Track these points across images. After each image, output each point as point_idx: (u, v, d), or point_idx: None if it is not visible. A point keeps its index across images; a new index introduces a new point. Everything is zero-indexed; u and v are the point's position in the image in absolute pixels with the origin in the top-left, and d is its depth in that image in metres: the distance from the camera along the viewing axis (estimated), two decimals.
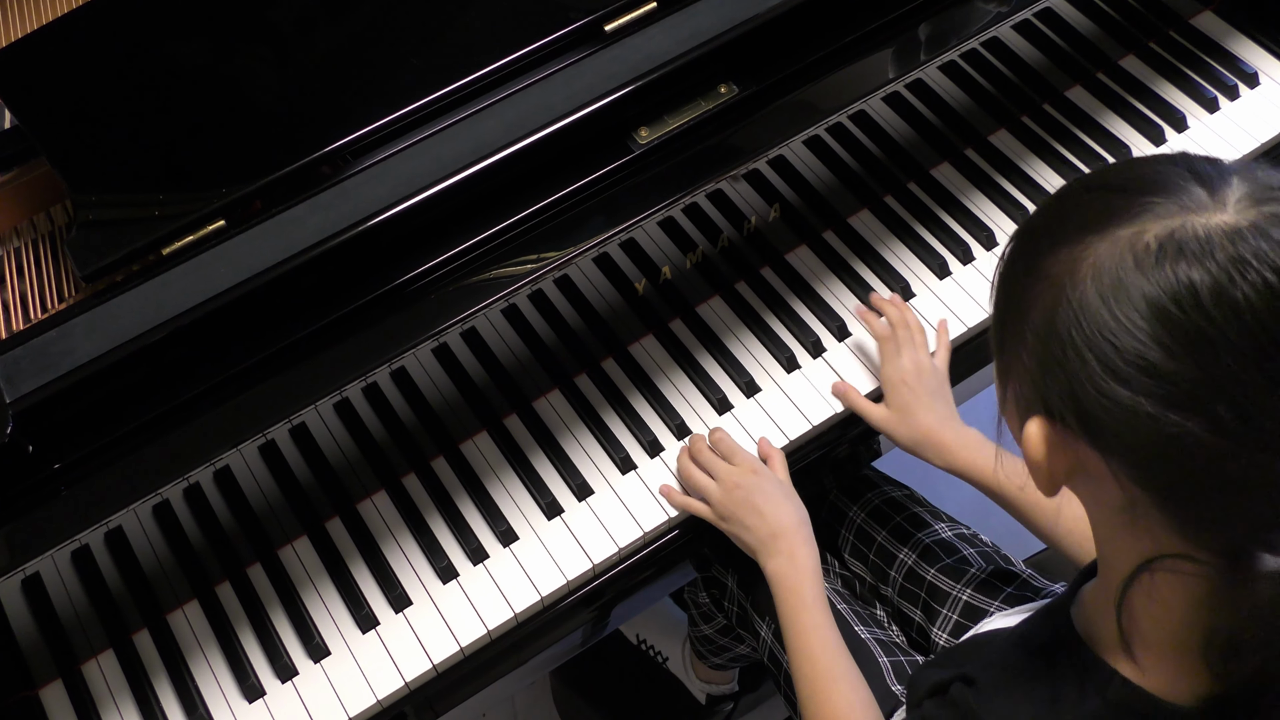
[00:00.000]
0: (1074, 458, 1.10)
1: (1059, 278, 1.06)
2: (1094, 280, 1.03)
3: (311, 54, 1.74)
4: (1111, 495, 1.09)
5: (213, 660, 1.73)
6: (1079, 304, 1.03)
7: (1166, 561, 1.10)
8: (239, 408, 1.59)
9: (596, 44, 1.75)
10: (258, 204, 1.64)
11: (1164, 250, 1.00)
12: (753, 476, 1.77)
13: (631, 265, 1.89)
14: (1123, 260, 1.02)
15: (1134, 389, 1.00)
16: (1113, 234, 1.03)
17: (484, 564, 1.78)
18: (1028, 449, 1.11)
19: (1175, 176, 1.06)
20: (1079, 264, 1.04)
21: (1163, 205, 1.03)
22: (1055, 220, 1.11)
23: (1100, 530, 1.20)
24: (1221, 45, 2.24)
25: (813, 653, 1.65)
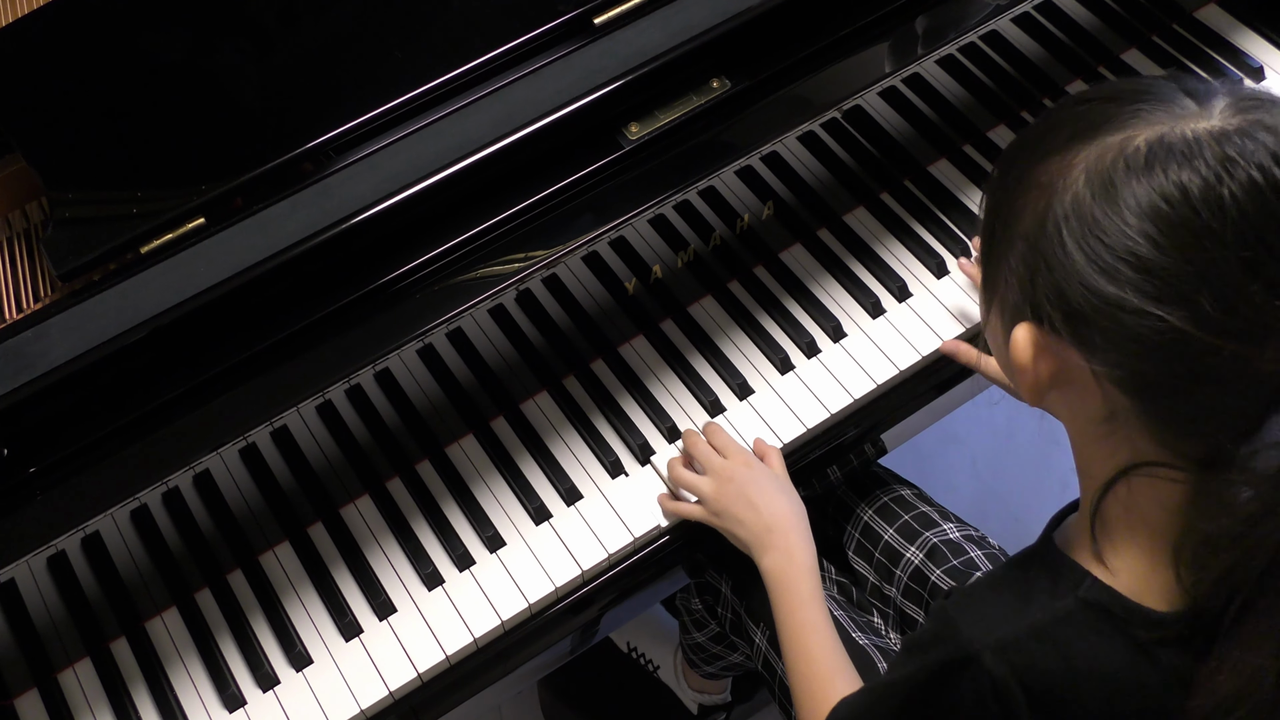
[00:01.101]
0: (1059, 362, 1.18)
1: (1050, 183, 1.14)
2: (1085, 182, 1.11)
3: (293, 48, 1.74)
4: (1093, 404, 1.18)
5: (192, 669, 1.73)
6: (1070, 204, 1.12)
7: (1144, 469, 1.18)
8: (219, 410, 1.60)
9: (585, 37, 1.76)
10: (238, 201, 1.64)
11: (1154, 152, 1.09)
12: (746, 469, 1.78)
13: (621, 264, 1.90)
14: (1114, 163, 1.10)
15: (1121, 283, 1.09)
16: (1103, 140, 1.12)
17: (470, 570, 1.79)
18: (1015, 353, 1.19)
19: (1164, 88, 1.15)
20: (1070, 169, 1.13)
21: (1152, 113, 1.12)
22: (1046, 131, 1.19)
23: (1079, 444, 1.27)
24: (1226, 39, 2.24)
25: (809, 651, 1.66)
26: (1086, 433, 1.24)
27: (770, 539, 1.73)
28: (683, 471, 1.82)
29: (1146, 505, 1.21)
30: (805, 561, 1.71)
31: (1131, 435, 1.17)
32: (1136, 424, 1.16)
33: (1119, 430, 1.18)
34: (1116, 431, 1.19)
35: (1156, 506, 1.20)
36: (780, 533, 1.73)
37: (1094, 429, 1.21)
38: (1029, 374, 1.20)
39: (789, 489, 1.78)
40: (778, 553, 1.72)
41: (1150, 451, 1.18)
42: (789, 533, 1.73)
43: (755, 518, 1.74)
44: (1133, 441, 1.18)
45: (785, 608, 1.70)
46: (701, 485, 1.79)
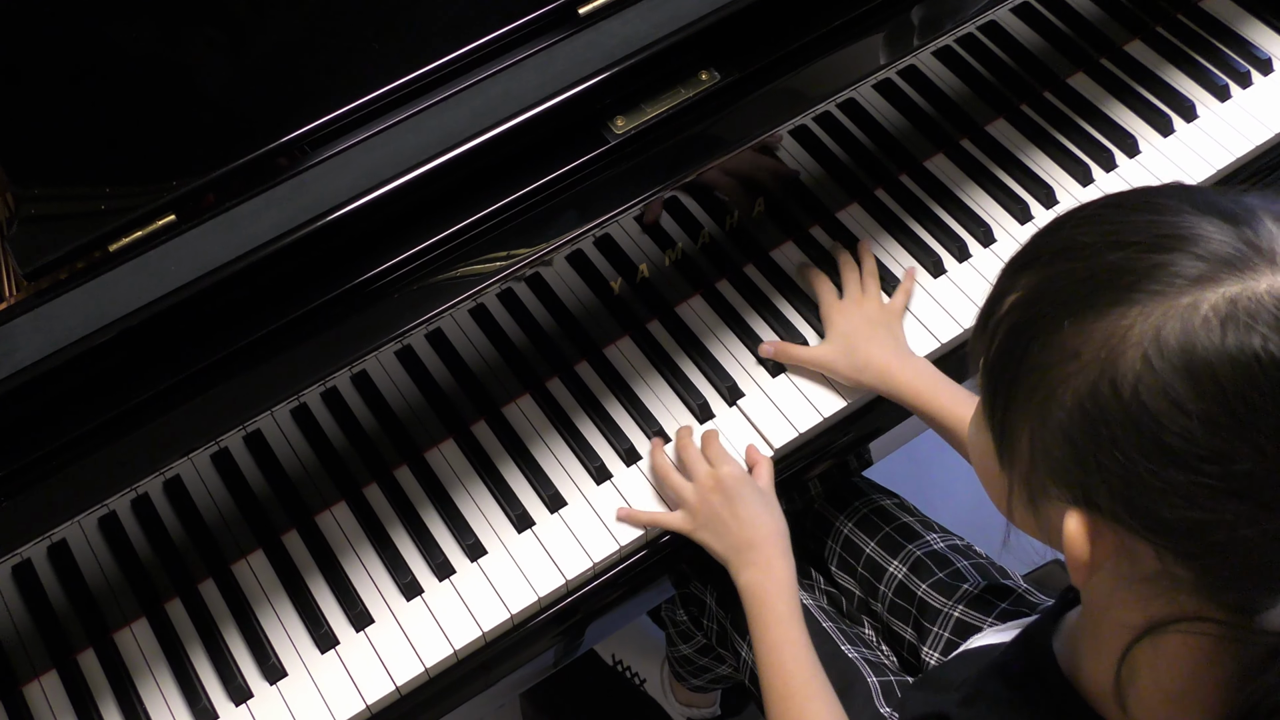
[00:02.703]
0: (1117, 544, 1.07)
1: (1094, 359, 1.01)
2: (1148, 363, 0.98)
3: (266, 38, 1.74)
4: (1142, 570, 1.07)
5: (162, 682, 1.73)
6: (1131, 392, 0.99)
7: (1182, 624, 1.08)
8: (190, 414, 1.60)
9: (570, 28, 1.76)
10: (210, 198, 1.64)
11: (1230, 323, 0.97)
12: (732, 481, 1.78)
13: (607, 263, 1.90)
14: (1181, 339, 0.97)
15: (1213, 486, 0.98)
16: (1159, 307, 0.99)
17: (450, 579, 1.79)
18: (1071, 548, 1.07)
19: (1203, 224, 1.02)
20: (1121, 343, 1.00)
21: (1204, 267, 0.99)
22: (1074, 288, 1.05)
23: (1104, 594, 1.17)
24: (1233, 29, 2.25)
25: (785, 669, 1.66)
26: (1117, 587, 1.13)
27: (750, 555, 1.73)
28: (671, 473, 1.83)
29: (1178, 653, 1.12)
30: (784, 579, 1.71)
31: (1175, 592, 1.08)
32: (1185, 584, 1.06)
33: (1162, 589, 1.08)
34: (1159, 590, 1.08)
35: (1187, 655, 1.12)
36: (761, 549, 1.73)
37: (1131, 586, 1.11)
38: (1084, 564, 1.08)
39: (773, 505, 1.79)
40: (756, 569, 1.72)
41: (1189, 604, 1.07)
42: (770, 549, 1.73)
43: (737, 531, 1.75)
44: (1172, 594, 1.08)
45: (761, 625, 1.70)
46: (686, 493, 1.80)
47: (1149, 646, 1.12)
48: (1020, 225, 2.06)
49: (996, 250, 2.03)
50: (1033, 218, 2.06)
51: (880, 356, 1.85)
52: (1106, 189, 2.09)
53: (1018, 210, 2.06)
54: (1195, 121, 2.16)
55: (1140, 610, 1.11)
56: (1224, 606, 1.07)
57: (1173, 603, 1.08)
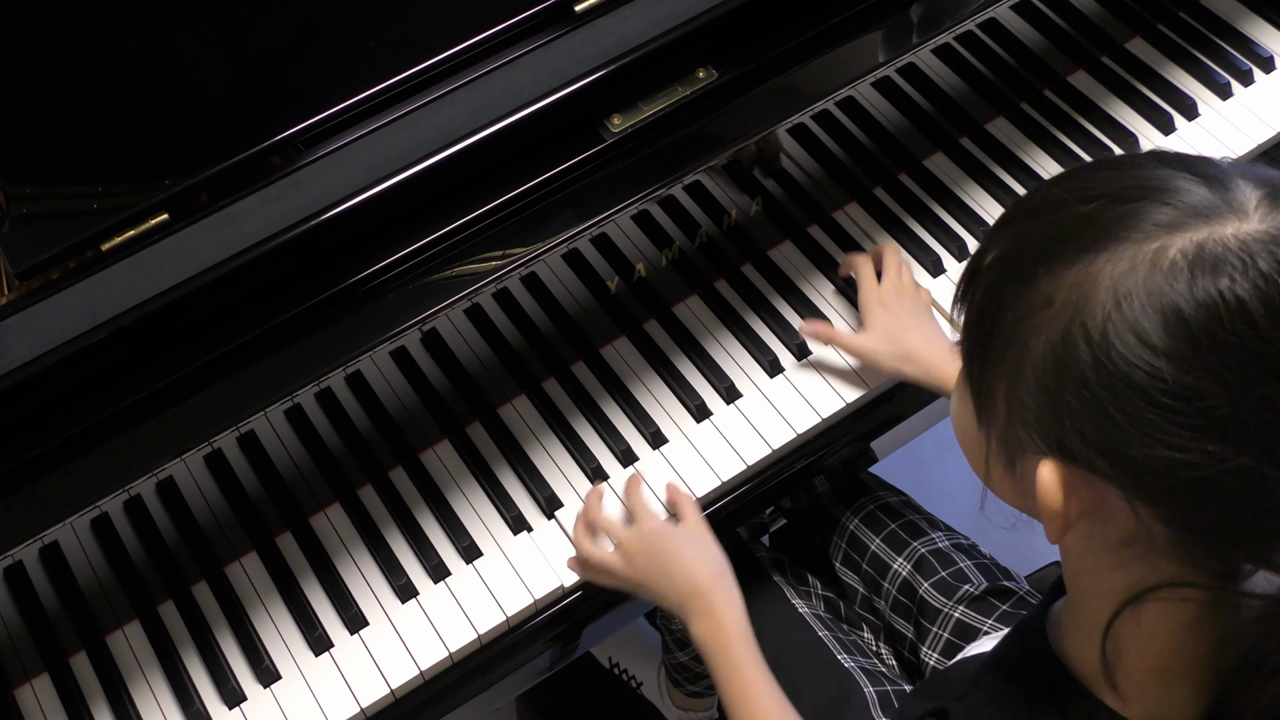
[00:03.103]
0: (1092, 498, 1.07)
1: (1066, 304, 1.02)
2: (1119, 306, 0.99)
3: (260, 36, 1.74)
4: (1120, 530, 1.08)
5: (155, 685, 1.73)
6: (1103, 334, 1.00)
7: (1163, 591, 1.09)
8: (183, 415, 1.60)
9: (566, 25, 1.76)
10: (203, 196, 1.65)
11: (1196, 266, 0.98)
12: (655, 537, 1.75)
13: (603, 262, 1.91)
14: (1149, 280, 0.99)
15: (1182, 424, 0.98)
16: (1127, 252, 1.01)
17: (445, 582, 1.80)
18: (1044, 496, 1.07)
19: (1175, 179, 1.04)
20: (1091, 287, 1.01)
21: (1174, 214, 1.01)
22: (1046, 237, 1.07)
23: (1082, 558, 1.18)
24: (1234, 27, 2.26)
25: (753, 710, 1.64)
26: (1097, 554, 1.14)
27: (693, 605, 1.70)
28: (588, 546, 1.80)
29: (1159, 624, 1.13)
30: (732, 623, 1.68)
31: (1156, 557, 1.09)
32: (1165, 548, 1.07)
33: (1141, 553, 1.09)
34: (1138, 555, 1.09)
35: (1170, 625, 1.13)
36: (700, 598, 1.70)
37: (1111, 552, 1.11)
38: (1058, 516, 1.08)
39: (705, 543, 1.75)
40: (702, 620, 1.69)
41: (1168, 567, 1.08)
42: (709, 596, 1.69)
43: (671, 587, 1.72)
44: (1151, 559, 1.09)
45: (721, 674, 1.68)
46: (611, 562, 1.77)
47: (1132, 620, 1.13)
48: None
49: None
50: None
51: (926, 347, 1.84)
52: None
53: None
54: (1197, 120, 2.16)
55: (1120, 579, 1.12)
56: (1206, 572, 1.08)
57: (1153, 568, 1.09)
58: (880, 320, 1.88)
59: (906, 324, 1.87)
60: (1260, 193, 1.02)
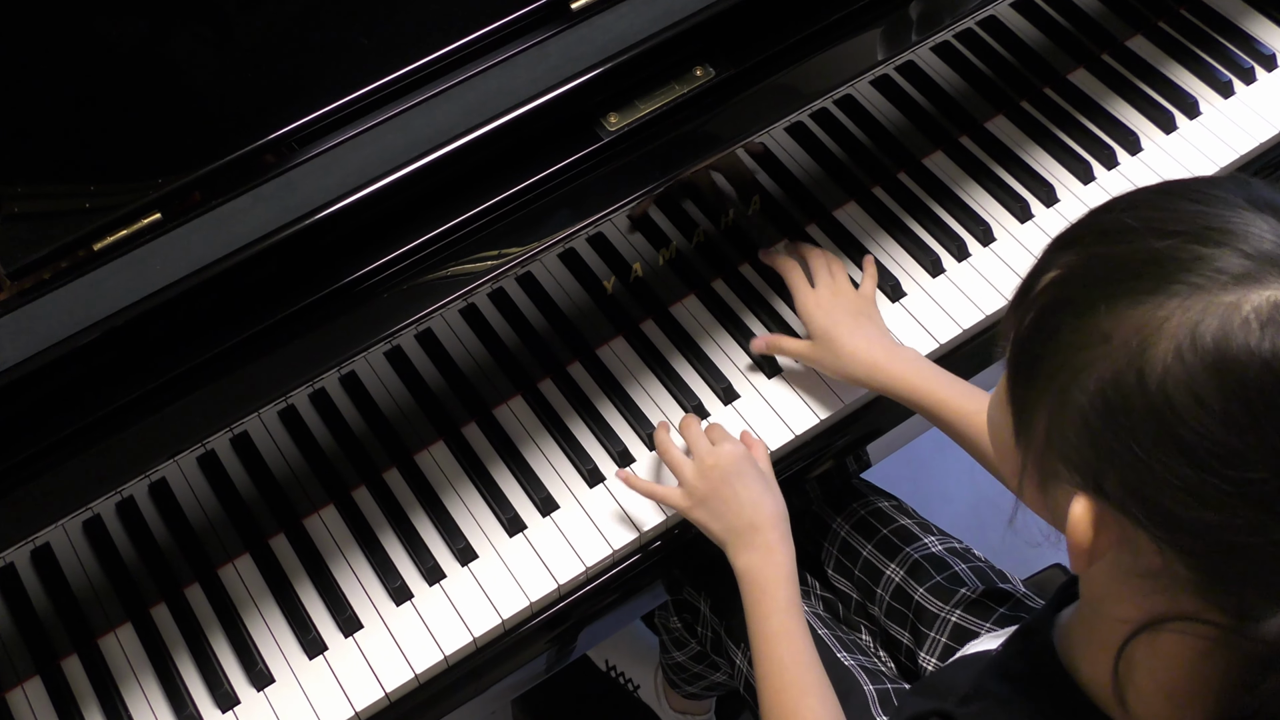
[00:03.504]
0: (1121, 536, 1.07)
1: (1124, 345, 1.00)
2: (1179, 358, 0.98)
3: (254, 34, 1.74)
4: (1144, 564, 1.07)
5: (148, 688, 1.74)
6: (1157, 384, 0.98)
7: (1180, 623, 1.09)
8: (176, 416, 1.60)
9: (562, 23, 1.76)
10: (196, 195, 1.64)
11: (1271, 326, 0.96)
12: (733, 459, 1.76)
13: (600, 262, 1.91)
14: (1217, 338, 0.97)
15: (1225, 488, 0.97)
16: (1199, 301, 0.98)
17: (440, 584, 1.80)
18: (1073, 532, 1.07)
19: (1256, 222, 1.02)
20: (1154, 334, 0.99)
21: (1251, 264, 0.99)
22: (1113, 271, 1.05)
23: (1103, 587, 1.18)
24: (1236, 25, 2.26)
25: (781, 661, 1.64)
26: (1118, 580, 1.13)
27: (750, 537, 1.70)
28: (671, 447, 1.81)
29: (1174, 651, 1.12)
30: (784, 565, 1.69)
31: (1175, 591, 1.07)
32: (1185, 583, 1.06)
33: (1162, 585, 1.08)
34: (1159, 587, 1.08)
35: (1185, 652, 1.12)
36: (762, 531, 1.70)
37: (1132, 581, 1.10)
38: (1085, 550, 1.08)
39: (774, 488, 1.77)
40: (755, 552, 1.70)
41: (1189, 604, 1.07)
42: (770, 532, 1.70)
43: (737, 512, 1.72)
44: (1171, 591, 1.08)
45: (759, 613, 1.68)
46: (685, 469, 1.78)
47: (1146, 643, 1.12)
48: (1020, 224, 2.06)
49: (996, 249, 2.03)
50: (1033, 216, 2.07)
51: (866, 349, 1.83)
52: (1108, 187, 2.09)
53: (1018, 209, 2.07)
54: (1198, 118, 2.17)
55: (1138, 605, 1.11)
56: (1223, 610, 1.07)
57: (1172, 600, 1.08)
58: (819, 326, 1.88)
59: (845, 328, 1.86)
60: None
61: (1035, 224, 2.06)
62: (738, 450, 1.78)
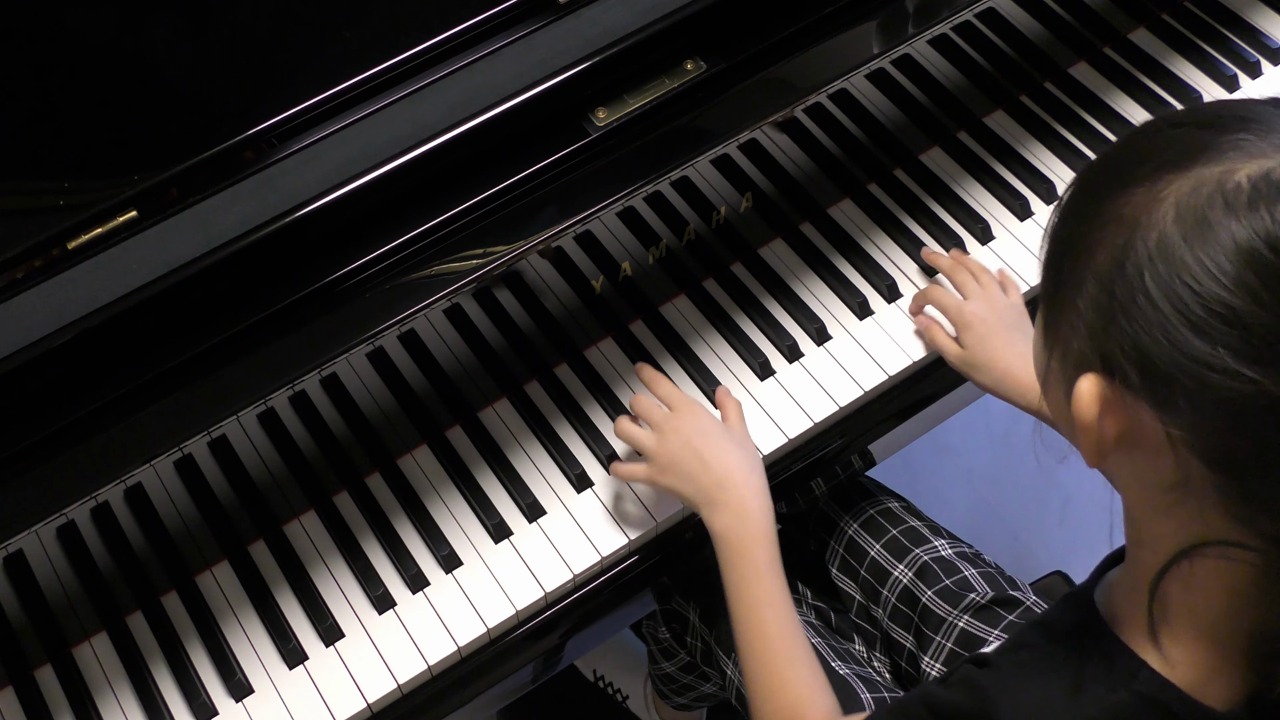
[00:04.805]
0: (1128, 421, 1.11)
1: (1132, 218, 1.07)
2: (1175, 220, 1.04)
3: (232, 26, 1.74)
4: (1162, 470, 1.11)
5: (123, 699, 1.74)
6: (1156, 245, 1.04)
7: (1213, 549, 1.12)
8: (153, 419, 1.60)
9: (549, 16, 1.76)
10: (173, 193, 1.64)
11: (1259, 190, 1.02)
12: (692, 420, 1.76)
13: (588, 261, 1.91)
14: (1210, 200, 1.03)
15: (1212, 339, 1.02)
16: (1197, 172, 1.05)
17: (424, 592, 1.80)
18: (1078, 408, 1.12)
19: (1271, 116, 1.08)
20: (1157, 203, 1.06)
21: (1255, 143, 1.05)
22: (1130, 158, 1.12)
23: (1137, 511, 1.21)
24: (1242, 17, 2.27)
25: (765, 629, 1.63)
26: (1148, 500, 1.17)
27: (721, 496, 1.70)
28: (628, 426, 1.81)
29: (1210, 586, 1.15)
30: (761, 523, 1.68)
31: (1203, 507, 1.11)
32: (1211, 496, 1.09)
33: (1189, 501, 1.11)
34: (1186, 502, 1.12)
35: (1222, 589, 1.15)
36: (732, 489, 1.69)
37: (1159, 497, 1.14)
38: (1092, 432, 1.13)
39: (744, 441, 1.77)
40: (728, 512, 1.69)
41: (1221, 527, 1.10)
42: (741, 488, 1.70)
43: (703, 471, 1.72)
44: (1203, 514, 1.11)
45: (737, 577, 1.67)
46: (643, 439, 1.78)
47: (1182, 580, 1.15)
48: (1020, 221, 2.07)
49: (995, 248, 2.04)
50: (1033, 213, 2.07)
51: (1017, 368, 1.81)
52: None
53: (1017, 206, 2.07)
54: None
55: (1171, 529, 1.15)
56: (1259, 535, 1.09)
57: (1202, 522, 1.11)
58: (975, 335, 1.87)
59: (1001, 341, 1.85)
60: None
61: (1035, 221, 2.07)
62: (696, 410, 1.78)
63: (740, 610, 1.66)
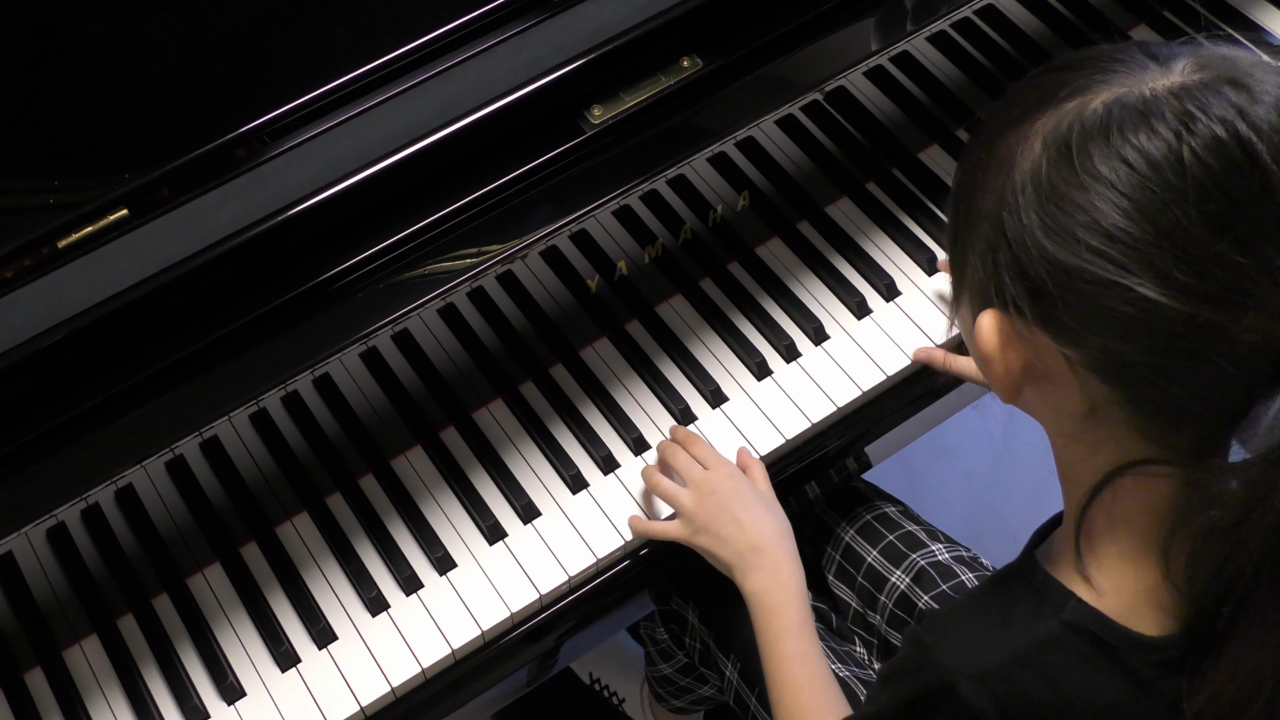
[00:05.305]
0: (1030, 350, 1.19)
1: (1009, 156, 1.16)
2: (1043, 151, 1.13)
3: (224, 22, 1.74)
4: (1071, 398, 1.19)
5: (114, 702, 1.74)
6: (1028, 174, 1.14)
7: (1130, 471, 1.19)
8: (144, 419, 1.60)
9: (544, 12, 1.76)
10: (164, 191, 1.64)
11: (1111, 113, 1.11)
12: (730, 482, 1.78)
13: (583, 260, 1.92)
14: (1070, 127, 1.12)
15: (1082, 251, 1.10)
16: (1062, 107, 1.14)
17: (418, 594, 1.80)
18: (980, 342, 1.21)
19: (1128, 52, 1.17)
20: (1029, 139, 1.15)
21: (1117, 77, 1.14)
22: (1009, 104, 1.21)
23: (1059, 447, 1.28)
24: (1245, 15, 2.27)
25: (796, 683, 1.66)
26: (1066, 432, 1.25)
27: (756, 559, 1.72)
28: (661, 480, 1.82)
29: (1132, 509, 1.22)
30: (793, 585, 1.71)
31: (1115, 431, 1.19)
32: (1119, 416, 1.17)
33: (1101, 426, 1.19)
34: (1099, 427, 1.20)
35: (1142, 510, 1.22)
36: (767, 552, 1.72)
37: (1074, 426, 1.22)
38: (998, 365, 1.21)
39: (775, 506, 1.79)
40: (764, 574, 1.71)
41: (1136, 448, 1.19)
42: (775, 552, 1.72)
43: (739, 535, 1.74)
44: (1117, 438, 1.19)
45: (771, 636, 1.69)
46: (682, 497, 1.79)
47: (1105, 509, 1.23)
48: None
49: None
50: None
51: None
52: None
53: None
54: None
55: (1095, 465, 1.22)
56: (1174, 450, 1.17)
57: (1119, 447, 1.19)
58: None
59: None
60: (1193, 57, 1.15)
61: None
62: (732, 472, 1.80)
63: (772, 665, 1.69)
